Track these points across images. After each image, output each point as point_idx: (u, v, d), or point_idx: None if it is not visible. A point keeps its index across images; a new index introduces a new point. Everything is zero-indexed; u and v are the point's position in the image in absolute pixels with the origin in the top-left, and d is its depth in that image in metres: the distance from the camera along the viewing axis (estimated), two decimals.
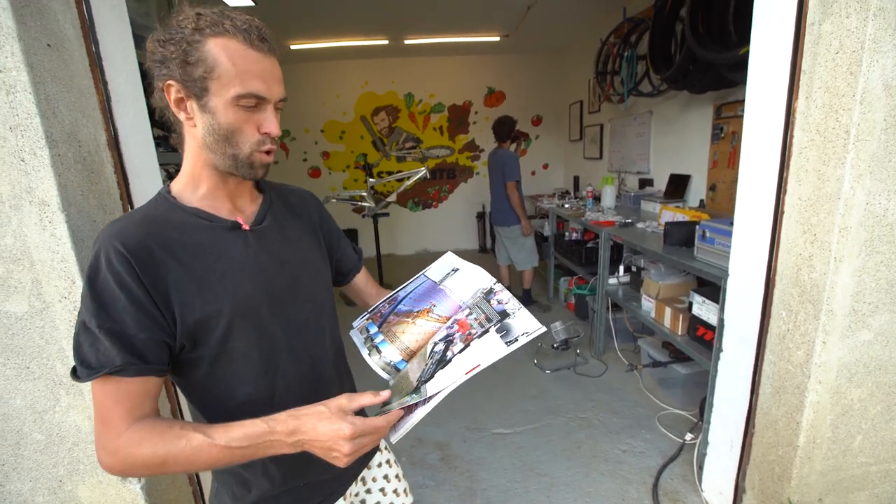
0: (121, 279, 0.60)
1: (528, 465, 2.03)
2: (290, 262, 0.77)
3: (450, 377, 0.66)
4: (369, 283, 1.01)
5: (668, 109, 3.41)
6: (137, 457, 0.59)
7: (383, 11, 3.90)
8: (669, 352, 2.48)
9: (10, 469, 1.10)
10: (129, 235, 0.62)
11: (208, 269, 0.67)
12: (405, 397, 0.68)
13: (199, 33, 0.62)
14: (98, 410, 0.61)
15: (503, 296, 0.77)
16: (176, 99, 0.65)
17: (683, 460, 1.99)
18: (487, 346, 0.68)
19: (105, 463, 0.61)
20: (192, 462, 0.60)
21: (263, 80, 0.64)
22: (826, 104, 1.03)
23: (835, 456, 1.23)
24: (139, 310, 0.61)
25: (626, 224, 2.87)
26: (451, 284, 0.87)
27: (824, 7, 1.02)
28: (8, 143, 0.91)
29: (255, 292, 0.71)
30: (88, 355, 0.60)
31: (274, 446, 0.61)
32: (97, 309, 0.60)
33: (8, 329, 1.01)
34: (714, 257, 1.83)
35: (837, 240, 1.05)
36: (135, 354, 0.60)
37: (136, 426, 0.60)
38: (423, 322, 0.81)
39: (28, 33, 0.90)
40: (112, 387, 0.60)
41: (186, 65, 0.62)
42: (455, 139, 5.99)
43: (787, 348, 1.22)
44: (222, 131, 0.65)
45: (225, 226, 0.71)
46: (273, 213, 0.79)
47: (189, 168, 0.71)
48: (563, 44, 5.31)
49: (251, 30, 0.63)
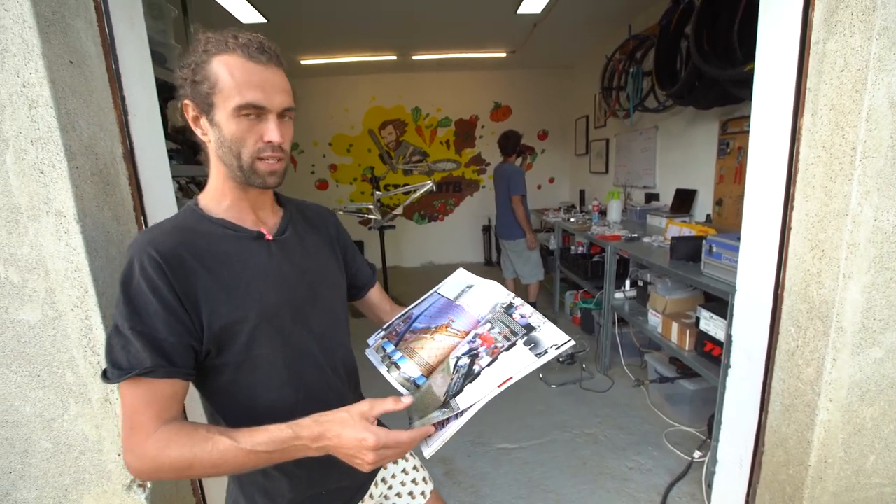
0: (154, 284, 0.63)
1: (534, 482, 2.00)
2: (311, 273, 0.80)
3: (482, 390, 0.66)
4: (384, 298, 1.03)
5: (674, 125, 3.43)
6: (165, 460, 0.60)
7: (392, 28, 3.98)
8: (677, 367, 2.46)
9: (17, 477, 1.11)
10: (163, 243, 0.65)
11: (235, 278, 0.70)
12: (433, 412, 0.67)
13: (206, 54, 0.67)
14: (127, 413, 0.63)
15: (525, 310, 0.77)
16: (192, 117, 0.70)
17: (692, 478, 1.95)
18: (517, 358, 0.68)
19: (133, 466, 0.62)
20: (217, 466, 0.61)
21: (262, 90, 0.67)
22: (832, 121, 1.04)
23: (847, 476, 1.21)
24: (170, 314, 0.63)
25: (632, 238, 2.87)
26: (468, 300, 0.88)
27: (828, 26, 1.03)
28: (28, 156, 0.94)
29: (279, 300, 0.73)
30: (120, 357, 0.62)
31: (299, 451, 0.63)
32: (130, 313, 0.62)
33: (21, 337, 1.02)
34: (721, 272, 1.83)
35: (846, 256, 1.04)
36: (164, 357, 0.62)
37: (163, 429, 0.62)
38: (441, 337, 0.81)
39: (52, 50, 0.93)
40: (142, 389, 0.62)
41: (195, 84, 0.67)
42: (461, 153, 6.04)
43: (796, 365, 1.21)
44: (227, 142, 0.68)
45: (250, 236, 0.74)
46: (294, 225, 0.82)
47: (213, 182, 0.75)
48: (569, 60, 5.38)
49: (250, 44, 0.67)
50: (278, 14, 3.45)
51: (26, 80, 0.91)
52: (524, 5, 3.45)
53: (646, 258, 2.40)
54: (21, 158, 0.94)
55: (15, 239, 0.97)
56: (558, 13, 3.65)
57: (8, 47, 0.89)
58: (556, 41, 4.53)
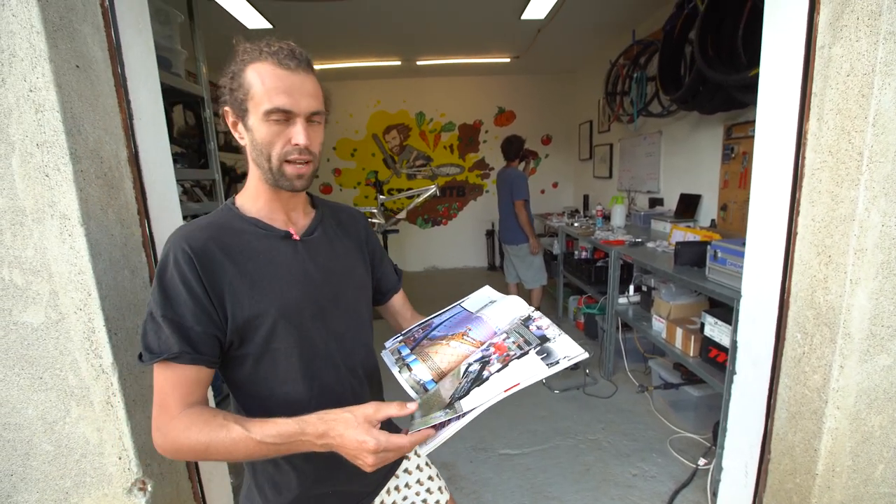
0: (185, 277, 0.67)
1: (536, 488, 1.99)
2: (336, 274, 0.82)
3: (487, 393, 0.66)
4: (406, 305, 1.04)
5: (678, 129, 3.42)
6: (185, 441, 0.65)
7: (396, 34, 4.01)
8: (681, 373, 2.44)
9: (19, 479, 1.11)
10: (195, 239, 0.70)
11: (259, 273, 0.73)
12: (435, 412, 0.68)
13: (242, 63, 0.71)
14: (157, 394, 0.68)
15: (543, 322, 0.78)
16: (231, 123, 0.75)
17: (696, 486, 1.93)
18: (527, 366, 0.68)
19: (158, 443, 0.67)
20: (230, 452, 0.65)
21: (289, 95, 0.70)
22: (838, 126, 1.03)
23: (855, 485, 1.19)
24: (196, 305, 0.67)
25: (636, 243, 2.86)
26: (488, 313, 0.88)
27: (834, 31, 1.02)
28: (34, 159, 0.94)
29: (300, 298, 0.76)
30: (152, 341, 0.67)
31: (305, 445, 0.65)
32: (163, 301, 0.67)
33: (24, 339, 1.03)
34: (726, 278, 1.81)
35: (853, 262, 1.03)
36: (190, 344, 0.67)
37: (186, 412, 0.67)
38: (456, 344, 0.82)
39: (59, 55, 0.94)
40: (170, 372, 0.67)
41: (232, 91, 0.71)
42: (465, 157, 6.05)
43: (803, 372, 1.20)
44: (259, 145, 0.72)
45: (278, 235, 0.78)
46: (324, 226, 0.85)
47: (250, 182, 0.79)
48: (573, 65, 5.38)
49: (281, 50, 0.70)
50: (284, 20, 3.47)
51: (33, 85, 0.92)
52: (528, 11, 3.46)
53: (650, 263, 2.38)
54: (27, 161, 0.94)
55: (20, 241, 0.98)
56: (562, 19, 3.66)
57: (15, 52, 0.90)
58: (560, 46, 4.54)
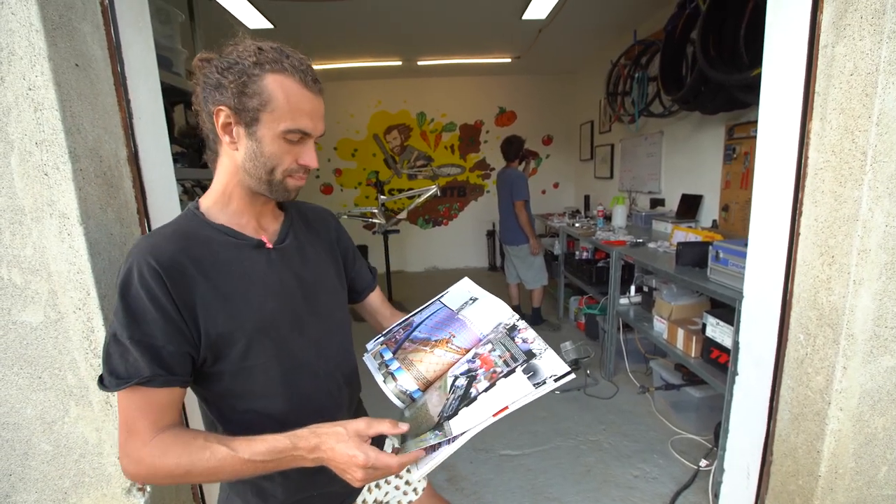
0: (152, 293, 0.62)
1: (537, 489, 1.98)
2: (309, 281, 0.80)
3: (476, 417, 0.65)
4: (384, 304, 1.02)
5: (680, 130, 3.42)
6: (161, 467, 0.61)
7: (397, 34, 4.00)
8: (682, 374, 2.43)
9: (17, 479, 1.10)
10: (162, 252, 0.65)
11: (233, 287, 0.70)
12: (426, 433, 0.67)
13: (260, 67, 0.66)
14: (124, 420, 0.63)
15: (528, 334, 0.76)
16: (224, 123, 0.69)
17: (698, 487, 1.92)
18: (514, 387, 0.67)
19: (129, 471, 0.63)
20: (214, 473, 0.62)
21: (311, 119, 0.69)
22: (841, 126, 1.03)
23: (858, 487, 1.18)
24: (167, 323, 0.63)
25: (637, 244, 2.85)
26: (471, 315, 0.86)
27: (837, 30, 1.02)
28: (33, 158, 0.94)
29: (277, 310, 0.73)
30: (118, 366, 0.62)
31: (296, 461, 0.64)
32: (128, 321, 0.62)
33: (23, 339, 1.02)
34: (728, 278, 1.80)
35: (856, 262, 1.02)
36: (162, 366, 0.63)
37: (161, 437, 0.63)
38: (441, 352, 0.80)
39: (58, 53, 0.93)
40: (139, 397, 0.62)
41: (243, 95, 0.66)
42: (466, 158, 6.05)
43: (805, 373, 1.19)
44: (263, 159, 0.69)
45: (250, 244, 0.74)
46: (294, 231, 0.82)
47: (220, 186, 0.74)
48: (574, 65, 5.38)
49: (307, 71, 0.69)
50: (284, 20, 3.47)
51: (32, 83, 0.91)
52: (529, 11, 3.46)
53: (651, 264, 2.38)
54: (26, 160, 0.94)
55: (18, 240, 0.97)
56: (563, 19, 3.66)
57: (14, 50, 0.90)
58: (561, 47, 4.53)
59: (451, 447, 0.64)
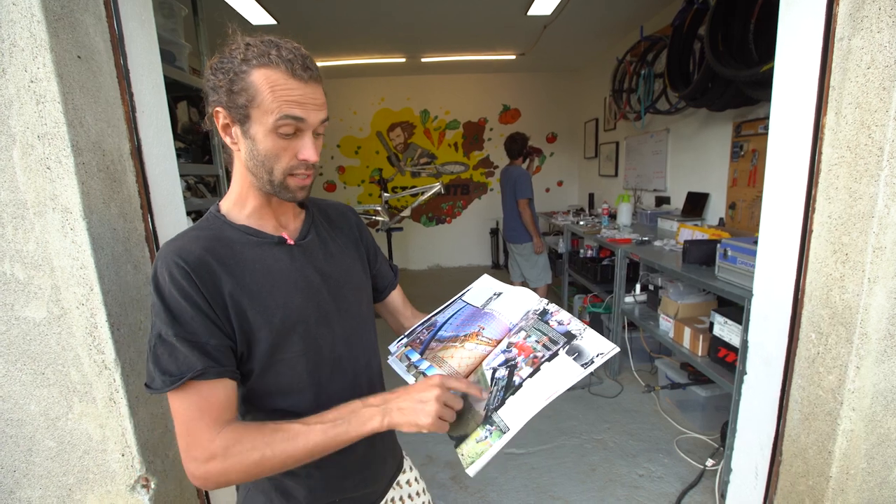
0: (185, 292, 0.63)
1: (541, 488, 1.97)
2: (334, 276, 0.79)
3: (528, 405, 0.63)
4: (405, 303, 1.00)
5: (686, 127, 3.39)
6: (236, 457, 0.61)
7: (401, 31, 3.98)
8: (688, 373, 2.41)
9: (21, 476, 1.10)
10: (189, 252, 0.65)
11: (258, 284, 0.70)
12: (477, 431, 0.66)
13: (246, 63, 0.65)
14: (184, 423, 0.62)
15: (562, 316, 0.74)
16: (223, 124, 0.69)
17: (704, 487, 1.91)
18: (561, 369, 0.65)
19: (200, 473, 0.61)
20: (291, 453, 0.62)
21: (301, 106, 0.66)
22: (857, 120, 1.00)
23: (870, 488, 1.16)
24: (205, 318, 0.64)
25: (642, 242, 2.83)
26: (498, 307, 0.84)
27: (854, 22, 0.99)
28: (35, 151, 0.93)
29: (303, 305, 0.73)
30: (168, 365, 0.62)
31: (366, 419, 0.64)
32: (171, 320, 0.62)
33: (26, 334, 1.02)
34: (737, 277, 1.78)
35: (871, 260, 1.00)
36: (210, 359, 0.63)
37: (228, 429, 0.63)
38: (472, 346, 0.78)
39: (60, 45, 0.92)
40: (195, 395, 0.62)
41: (232, 93, 0.65)
42: (469, 155, 6.03)
43: (817, 372, 1.17)
44: (261, 157, 0.67)
45: (271, 241, 0.74)
46: (316, 228, 0.82)
47: (237, 188, 0.74)
48: (579, 62, 5.34)
49: (295, 59, 0.65)
50: (288, 16, 3.46)
51: (34, 75, 0.90)
52: (534, 7, 3.43)
53: (657, 262, 2.36)
54: (28, 154, 0.93)
55: (21, 235, 0.97)
56: (569, 15, 3.63)
57: (16, 42, 0.89)
58: (567, 43, 4.50)
59: (504, 438, 0.62)
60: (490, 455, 0.62)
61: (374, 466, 0.85)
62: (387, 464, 0.89)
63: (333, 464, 0.74)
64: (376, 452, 0.85)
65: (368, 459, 0.83)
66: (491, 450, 0.62)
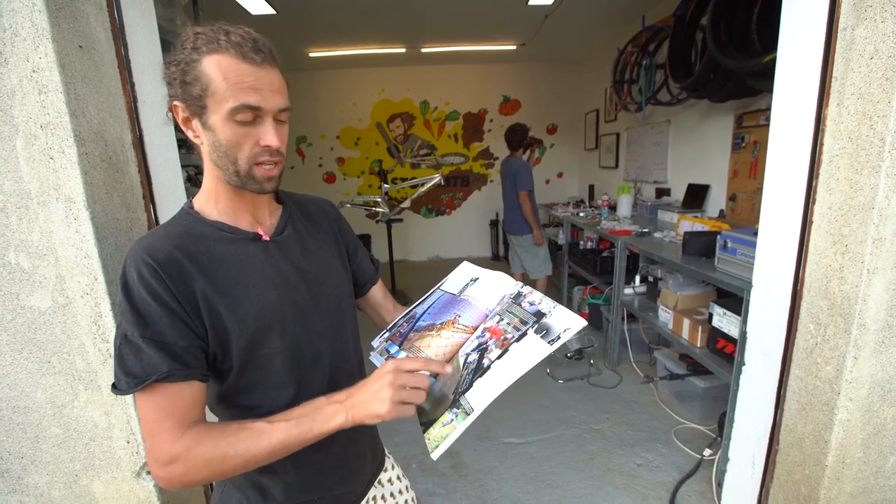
0: (153, 291, 0.61)
1: (540, 476, 1.99)
2: (312, 272, 0.77)
3: (492, 386, 0.63)
4: (386, 297, 0.99)
5: (687, 118, 3.37)
6: (197, 458, 0.60)
7: (401, 20, 3.95)
8: (687, 364, 2.43)
9: (29, 462, 1.11)
10: (158, 250, 0.63)
11: (232, 281, 0.68)
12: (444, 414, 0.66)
13: (196, 52, 0.62)
14: (147, 425, 0.61)
15: (534, 296, 0.74)
16: (183, 118, 0.66)
17: (701, 476, 1.93)
18: (529, 348, 0.65)
19: (163, 475, 0.61)
20: (254, 452, 0.61)
21: (257, 92, 0.63)
22: (859, 111, 1.01)
23: (866, 477, 1.18)
24: (173, 319, 0.62)
25: (642, 233, 2.83)
26: (474, 293, 0.84)
27: (857, 12, 0.99)
28: (38, 141, 0.93)
29: (279, 303, 0.71)
30: (133, 366, 0.60)
31: (330, 416, 0.63)
32: (137, 320, 0.60)
33: (31, 323, 1.02)
34: (736, 268, 1.79)
35: (871, 251, 1.01)
36: (178, 361, 0.61)
37: (190, 431, 0.61)
38: (448, 333, 0.77)
39: (61, 35, 0.92)
40: (160, 396, 0.61)
41: (185, 84, 0.63)
42: (469, 147, 6.01)
43: (815, 363, 1.18)
44: (222, 147, 0.65)
45: (246, 237, 0.72)
46: (293, 223, 0.80)
47: (207, 184, 0.72)
48: (580, 53, 5.30)
49: (244, 42, 0.62)
50: (287, 5, 3.42)
51: (36, 65, 0.90)
52: None
53: (657, 253, 2.36)
54: (31, 144, 0.93)
55: (25, 225, 0.97)
56: (570, 4, 3.59)
57: (18, 31, 0.88)
58: (567, 33, 4.46)
59: (468, 419, 0.62)
60: (454, 438, 0.62)
61: (353, 464, 0.84)
62: (367, 462, 0.88)
63: (311, 461, 0.74)
64: (356, 450, 0.85)
65: (347, 457, 0.82)
66: (455, 432, 0.62)
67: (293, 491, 0.76)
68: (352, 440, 0.81)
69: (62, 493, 1.15)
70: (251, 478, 0.75)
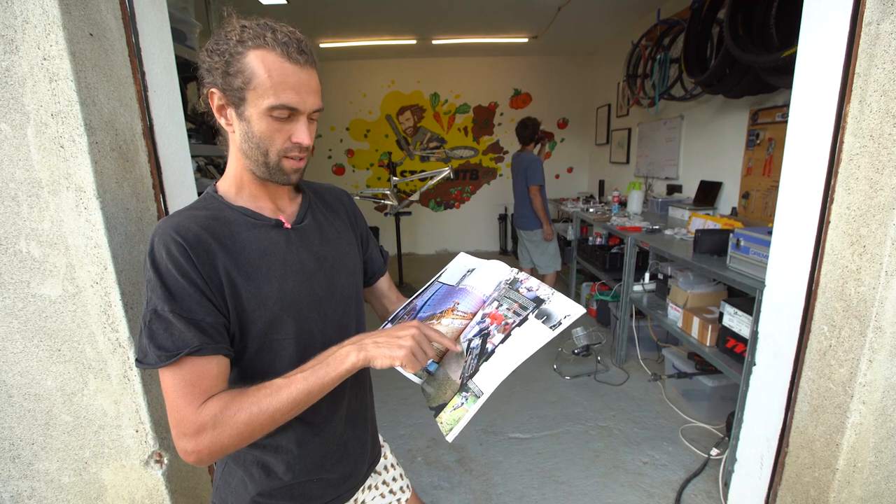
0: (182, 268, 0.63)
1: (546, 472, 1.99)
2: (329, 260, 0.80)
3: (499, 369, 0.65)
4: (391, 288, 1.01)
5: (701, 114, 3.32)
6: (227, 421, 0.61)
7: (413, 12, 3.91)
8: (695, 363, 2.40)
9: (39, 448, 1.13)
10: (186, 229, 0.65)
11: (255, 265, 0.70)
12: (454, 398, 0.68)
13: (242, 45, 0.64)
14: (174, 399, 0.62)
15: (531, 283, 0.76)
16: (218, 106, 0.69)
17: (708, 476, 1.92)
18: (531, 332, 0.67)
19: (191, 448, 0.61)
20: (276, 406, 0.63)
21: (297, 92, 0.66)
22: (882, 108, 0.97)
23: (877, 482, 1.16)
24: (202, 296, 0.64)
25: (653, 230, 2.80)
26: (471, 282, 0.86)
27: (883, 6, 0.96)
28: (49, 130, 0.93)
29: (297, 290, 0.74)
30: (164, 340, 0.62)
31: (343, 357, 0.66)
32: (167, 296, 0.62)
33: (42, 312, 1.03)
34: (749, 267, 1.76)
35: (890, 252, 0.98)
36: (206, 335, 0.63)
37: (212, 399, 0.63)
38: (448, 321, 0.80)
39: (72, 22, 0.92)
40: (188, 370, 0.62)
41: (227, 75, 0.65)
42: (479, 140, 5.97)
43: (828, 365, 1.16)
44: (255, 139, 0.68)
45: (269, 224, 0.74)
46: (312, 211, 0.82)
47: (233, 171, 0.75)
48: (593, 46, 5.23)
49: (290, 42, 0.65)
50: None
51: (47, 53, 0.90)
52: None
53: (667, 251, 2.33)
54: (41, 132, 0.93)
55: (36, 213, 0.98)
56: None
57: (28, 18, 0.88)
58: (581, 26, 4.40)
59: (478, 402, 0.65)
60: (466, 420, 0.65)
61: (353, 447, 0.86)
62: (366, 446, 0.90)
63: (313, 441, 0.77)
64: (355, 433, 0.87)
65: (346, 440, 0.85)
66: (467, 415, 0.65)
67: (295, 469, 0.78)
68: (350, 425, 0.85)
69: (72, 480, 1.16)
70: (255, 455, 0.77)
